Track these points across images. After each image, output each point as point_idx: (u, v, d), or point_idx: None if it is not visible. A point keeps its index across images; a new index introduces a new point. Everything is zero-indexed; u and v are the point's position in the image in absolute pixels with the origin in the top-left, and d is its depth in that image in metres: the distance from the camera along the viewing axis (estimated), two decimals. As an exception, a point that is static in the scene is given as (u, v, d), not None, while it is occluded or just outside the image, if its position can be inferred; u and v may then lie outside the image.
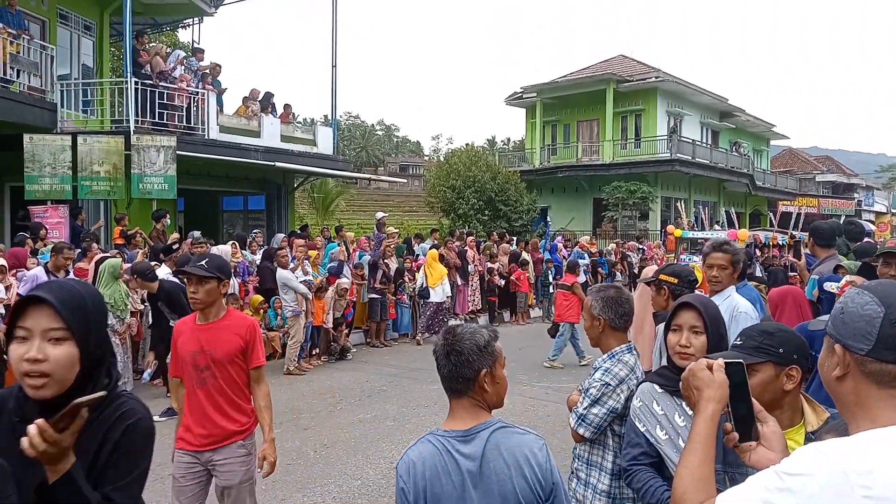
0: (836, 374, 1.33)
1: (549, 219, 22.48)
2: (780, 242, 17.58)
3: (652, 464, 2.49)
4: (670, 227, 18.27)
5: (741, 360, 1.56)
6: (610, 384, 2.85)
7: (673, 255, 17.64)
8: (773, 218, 19.94)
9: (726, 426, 1.54)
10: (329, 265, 11.71)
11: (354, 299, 11.97)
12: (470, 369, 1.98)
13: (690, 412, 2.44)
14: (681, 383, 1.63)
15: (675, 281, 3.90)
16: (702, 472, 1.45)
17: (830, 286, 4.83)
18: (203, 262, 3.45)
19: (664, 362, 3.44)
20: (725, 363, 1.55)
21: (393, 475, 5.75)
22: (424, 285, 12.94)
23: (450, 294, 13.45)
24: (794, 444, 2.06)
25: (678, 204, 21.95)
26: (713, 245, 3.99)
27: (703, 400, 1.54)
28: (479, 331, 2.06)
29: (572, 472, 3.04)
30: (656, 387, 2.57)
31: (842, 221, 18.97)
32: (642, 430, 2.52)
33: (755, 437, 1.55)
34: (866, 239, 7.34)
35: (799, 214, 19.26)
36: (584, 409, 2.87)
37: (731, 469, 2.10)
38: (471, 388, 2.00)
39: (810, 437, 2.04)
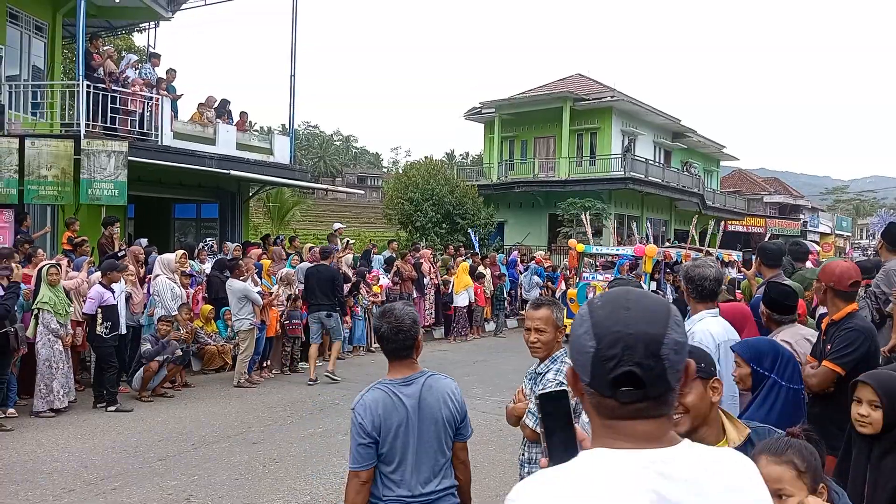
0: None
1: (473, 233, 22.45)
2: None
3: None
4: (572, 242, 16.43)
5: (565, 390, 1.27)
6: (563, 383, 2.89)
7: (574, 271, 15.97)
8: (694, 234, 18.64)
9: (542, 461, 1.27)
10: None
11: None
12: (413, 338, 2.78)
13: None
14: None
15: None
16: None
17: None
18: None
19: None
20: (540, 396, 1.27)
21: (343, 492, 5.69)
22: (451, 292, 14.82)
23: (472, 300, 15.10)
24: None
25: (583, 215, 19.85)
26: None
27: None
28: (406, 309, 2.85)
29: (521, 478, 3.09)
30: None
31: (768, 239, 18.97)
32: None
33: None
34: (809, 260, 7.59)
35: (714, 233, 18.72)
36: None
37: None
38: (412, 351, 2.81)
39: None
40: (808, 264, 6.99)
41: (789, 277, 5.88)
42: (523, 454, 3.13)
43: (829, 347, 3.75)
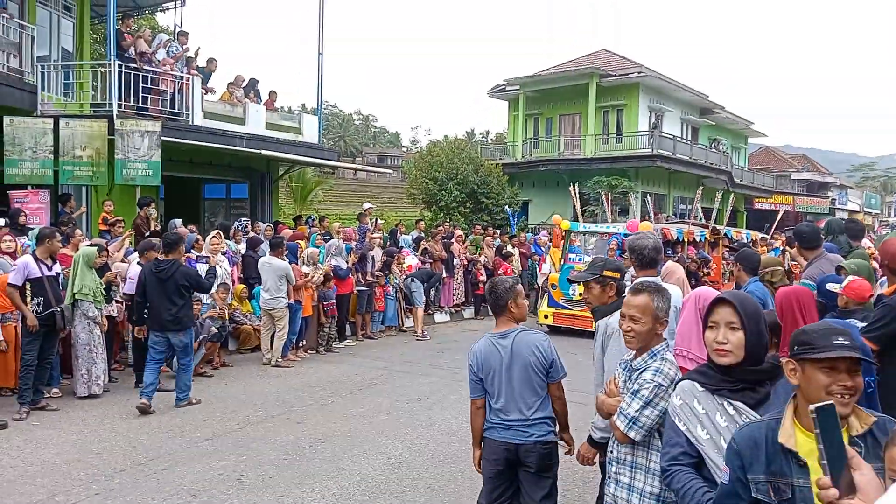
0: None
1: (511, 212, 22.33)
2: (698, 238, 14.48)
3: (692, 464, 2.41)
4: (556, 218, 14.97)
5: (832, 403, 1.37)
6: (662, 385, 2.77)
7: (560, 251, 14.16)
8: (699, 209, 17.18)
9: (823, 480, 1.36)
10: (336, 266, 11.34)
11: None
12: (504, 301, 3.69)
13: (732, 412, 2.40)
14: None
15: (619, 276, 3.97)
16: None
17: (833, 287, 4.82)
18: None
19: (607, 362, 3.47)
20: (815, 408, 1.36)
21: (392, 472, 5.73)
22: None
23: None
24: None
25: (570, 187, 16.65)
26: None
27: None
28: (506, 279, 3.85)
29: (609, 477, 2.97)
30: (697, 385, 2.48)
31: (780, 219, 17.66)
32: (683, 429, 2.44)
33: (850, 488, 1.36)
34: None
35: (720, 209, 17.10)
36: (636, 411, 2.78)
37: (774, 479, 2.04)
38: (505, 310, 3.70)
39: (855, 441, 2.00)
40: (865, 241, 6.82)
41: (846, 256, 5.73)
42: (612, 452, 2.98)
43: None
